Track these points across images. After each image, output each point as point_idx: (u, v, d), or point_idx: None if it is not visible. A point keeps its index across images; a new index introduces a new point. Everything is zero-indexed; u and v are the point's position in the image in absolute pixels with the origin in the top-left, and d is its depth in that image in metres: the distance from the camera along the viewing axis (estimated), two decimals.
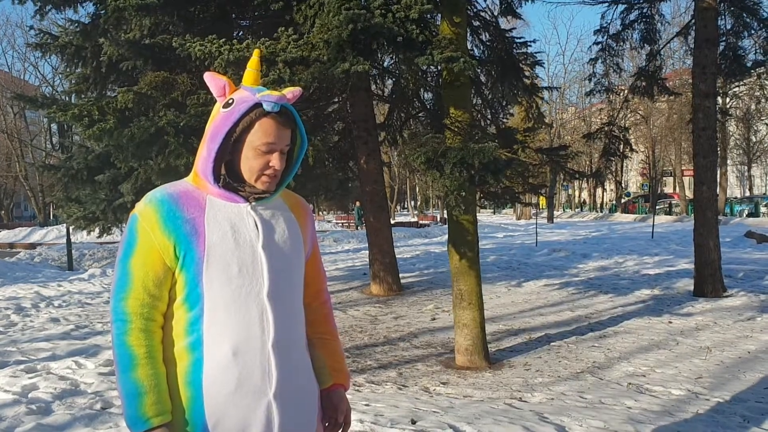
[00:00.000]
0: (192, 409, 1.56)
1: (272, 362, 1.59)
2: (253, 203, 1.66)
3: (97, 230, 10.12)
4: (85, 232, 10.97)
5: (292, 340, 1.66)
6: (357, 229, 28.56)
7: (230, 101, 1.61)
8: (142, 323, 1.55)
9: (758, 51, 10.78)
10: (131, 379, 1.52)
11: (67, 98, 11.11)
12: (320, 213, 49.00)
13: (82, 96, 9.40)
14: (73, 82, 9.67)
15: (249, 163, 1.61)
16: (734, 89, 25.99)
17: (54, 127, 38.61)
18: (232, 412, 1.56)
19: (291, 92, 1.68)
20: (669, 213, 35.86)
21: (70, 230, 14.64)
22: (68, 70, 9.72)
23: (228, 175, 1.63)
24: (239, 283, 1.57)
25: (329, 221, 40.33)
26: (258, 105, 1.58)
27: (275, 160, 1.61)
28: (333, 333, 1.92)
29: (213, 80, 1.66)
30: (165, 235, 1.56)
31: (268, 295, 1.60)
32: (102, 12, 8.44)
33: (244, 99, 1.59)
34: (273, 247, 1.64)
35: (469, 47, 9.77)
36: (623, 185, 49.42)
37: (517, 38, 10.84)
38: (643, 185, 43.18)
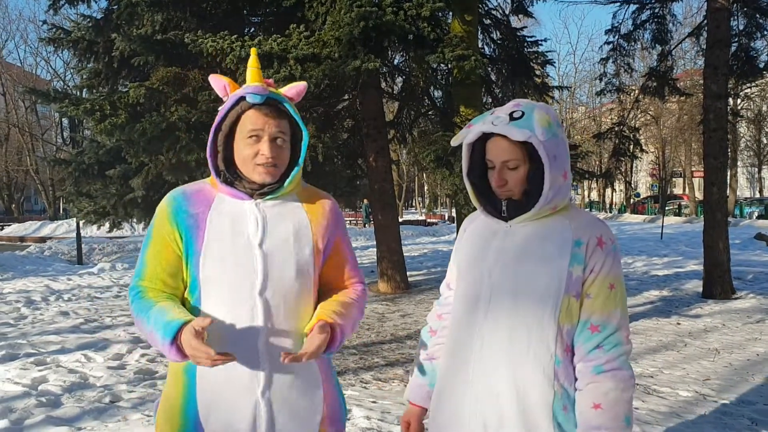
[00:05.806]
0: (187, 396, 1.60)
1: (261, 361, 1.58)
2: (258, 200, 1.66)
3: (107, 225, 10.20)
4: (95, 227, 11.06)
5: (285, 340, 1.62)
6: (365, 226, 28.58)
7: (226, 99, 1.66)
8: (158, 291, 1.63)
9: None
10: (155, 311, 1.55)
11: (78, 93, 11.19)
12: None
13: (94, 91, 9.47)
14: (84, 77, 9.74)
15: (241, 155, 1.63)
16: (746, 90, 25.81)
17: (65, 121, 38.80)
18: (221, 405, 1.57)
19: (294, 89, 1.70)
20: (678, 214, 35.61)
21: (80, 224, 14.74)
22: (80, 65, 9.79)
23: (228, 172, 1.66)
24: (232, 279, 1.58)
25: None
26: (242, 98, 1.61)
27: (264, 147, 1.60)
28: (345, 292, 1.78)
29: (215, 82, 1.70)
30: (173, 227, 1.62)
31: (261, 293, 1.59)
32: (114, 7, 8.52)
33: (234, 95, 1.63)
34: (272, 246, 1.63)
35: (480, 45, 9.79)
36: (633, 186, 49.16)
37: (528, 37, 10.85)
38: (652, 186, 42.94)
